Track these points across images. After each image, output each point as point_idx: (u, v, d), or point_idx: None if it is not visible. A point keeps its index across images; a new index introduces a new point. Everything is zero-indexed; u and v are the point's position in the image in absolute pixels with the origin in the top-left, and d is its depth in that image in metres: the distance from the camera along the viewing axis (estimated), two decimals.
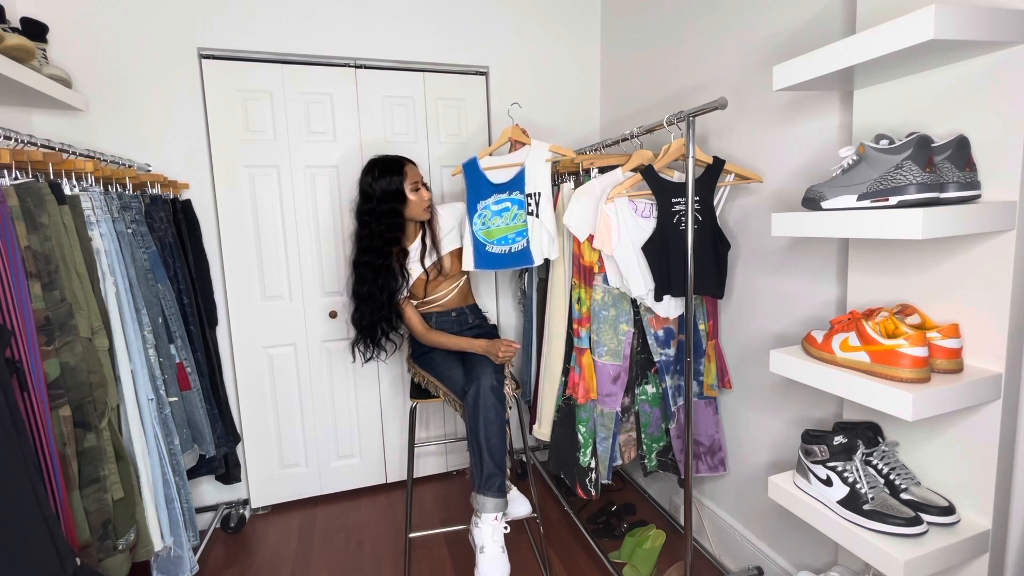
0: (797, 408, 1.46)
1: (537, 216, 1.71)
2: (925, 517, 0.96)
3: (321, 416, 2.25)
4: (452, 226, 1.91)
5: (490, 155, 1.84)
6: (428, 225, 1.86)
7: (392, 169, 1.75)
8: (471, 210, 1.79)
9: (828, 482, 1.04)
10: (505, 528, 1.55)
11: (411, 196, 1.76)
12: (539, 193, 1.71)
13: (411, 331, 1.85)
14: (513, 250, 1.75)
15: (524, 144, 1.82)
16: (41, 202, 1.11)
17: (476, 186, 1.80)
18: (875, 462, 1.03)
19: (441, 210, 1.93)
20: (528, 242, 1.73)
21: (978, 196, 0.90)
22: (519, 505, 1.81)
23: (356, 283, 1.79)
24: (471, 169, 1.82)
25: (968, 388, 0.90)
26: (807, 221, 1.02)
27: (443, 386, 1.73)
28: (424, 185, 1.81)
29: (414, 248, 1.84)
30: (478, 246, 1.78)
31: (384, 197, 1.74)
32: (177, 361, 1.65)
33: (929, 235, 0.83)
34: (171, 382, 1.58)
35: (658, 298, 1.50)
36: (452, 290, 1.89)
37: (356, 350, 1.88)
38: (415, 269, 1.82)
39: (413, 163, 1.82)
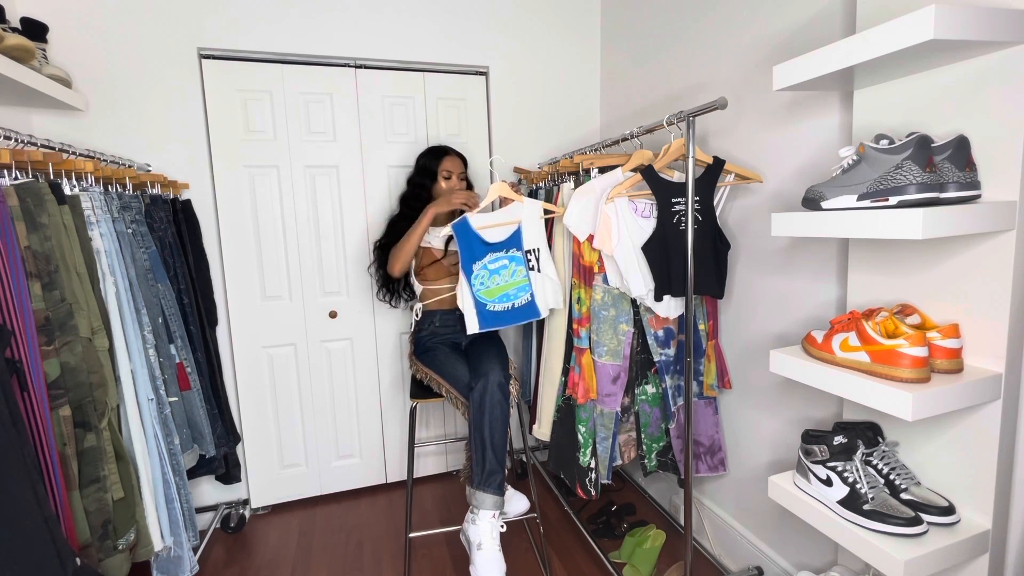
0: (797, 408, 1.46)
1: (539, 271, 1.75)
2: (925, 517, 0.96)
3: (321, 416, 2.25)
4: None
5: (479, 212, 1.77)
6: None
7: (434, 153, 2.01)
8: (467, 271, 1.73)
9: (828, 482, 1.04)
10: (502, 527, 1.55)
11: (441, 182, 1.97)
12: (538, 249, 1.76)
13: (392, 263, 1.85)
14: (516, 305, 1.75)
15: (511, 200, 1.77)
16: (41, 202, 1.11)
17: (470, 247, 1.73)
18: (875, 462, 1.03)
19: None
20: (532, 295, 1.75)
21: (978, 196, 0.90)
22: (517, 502, 1.82)
23: (383, 236, 2.02)
24: (463, 230, 1.73)
25: (968, 388, 0.90)
26: (807, 221, 1.02)
27: (446, 383, 1.72)
28: (465, 179, 1.98)
29: (444, 231, 1.91)
30: (479, 307, 1.74)
31: (420, 171, 2.02)
32: (177, 361, 1.65)
33: (929, 235, 0.83)
34: (171, 382, 1.58)
35: (658, 298, 1.50)
36: (455, 285, 1.89)
37: (382, 293, 2.10)
38: (436, 242, 1.91)
39: (460, 156, 2.02)
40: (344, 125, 2.15)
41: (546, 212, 1.76)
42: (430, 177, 1.98)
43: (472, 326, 1.73)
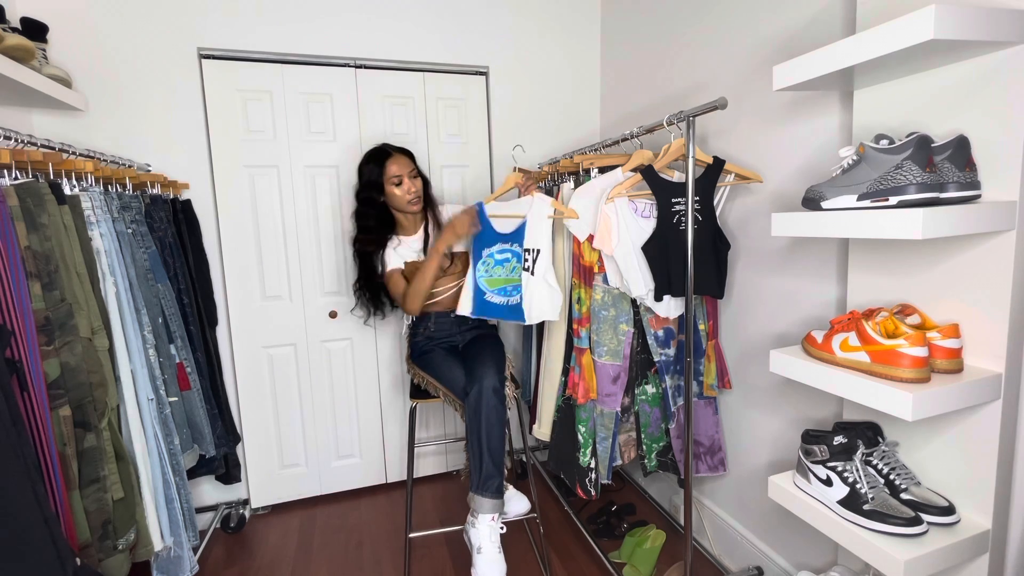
0: (797, 408, 1.46)
1: (532, 273, 1.66)
2: (925, 517, 0.96)
3: (321, 416, 2.25)
4: None
5: (495, 201, 1.79)
6: (433, 219, 1.90)
7: (375, 159, 1.82)
8: (476, 256, 1.75)
9: (828, 482, 1.04)
10: (501, 528, 1.55)
11: (392, 190, 1.80)
12: (538, 250, 1.66)
13: (397, 302, 1.86)
14: (510, 303, 1.71)
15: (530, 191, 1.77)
16: (41, 202, 1.11)
17: (483, 233, 1.75)
18: (875, 462, 1.03)
19: (452, 208, 1.95)
20: (521, 298, 1.68)
21: (978, 196, 0.90)
22: (517, 503, 1.81)
23: (358, 275, 1.93)
24: (478, 216, 1.77)
25: (968, 388, 0.90)
26: (807, 221, 1.02)
27: (443, 387, 1.72)
28: (418, 176, 1.84)
29: (416, 239, 1.88)
30: (477, 292, 1.73)
31: (366, 185, 1.83)
32: (177, 361, 1.65)
33: (929, 235, 0.82)
34: (171, 382, 1.58)
35: (658, 298, 1.50)
36: (452, 288, 1.87)
37: (358, 308, 2.01)
38: (413, 256, 1.86)
39: (405, 153, 1.85)
40: (344, 125, 2.15)
41: (556, 213, 1.67)
42: (377, 190, 1.81)
43: (465, 307, 1.73)
